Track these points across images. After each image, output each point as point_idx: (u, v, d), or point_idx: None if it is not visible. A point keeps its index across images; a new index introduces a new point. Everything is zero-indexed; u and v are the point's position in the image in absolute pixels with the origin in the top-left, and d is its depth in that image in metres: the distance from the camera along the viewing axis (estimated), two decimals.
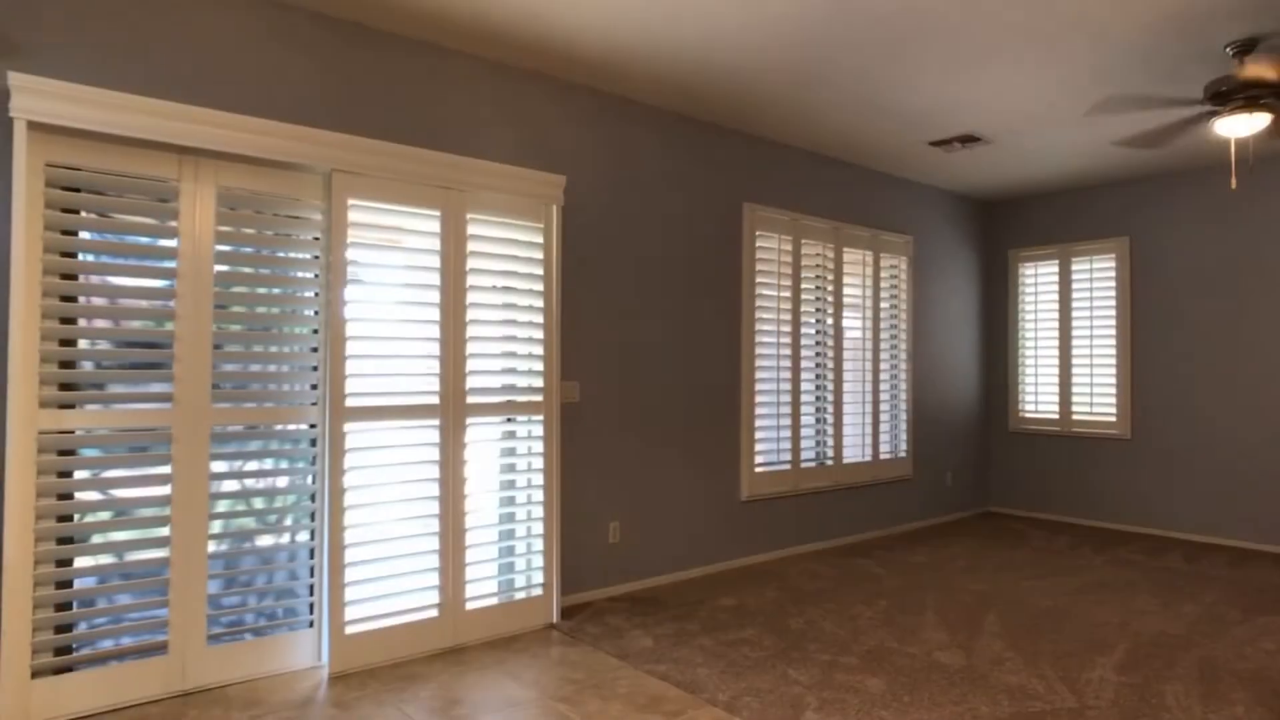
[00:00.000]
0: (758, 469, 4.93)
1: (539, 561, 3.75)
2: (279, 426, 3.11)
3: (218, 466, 2.99)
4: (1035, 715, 2.79)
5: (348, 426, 3.16)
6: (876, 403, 5.73)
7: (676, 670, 3.19)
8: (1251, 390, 5.48)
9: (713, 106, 4.42)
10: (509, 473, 3.69)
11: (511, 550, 3.71)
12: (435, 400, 3.41)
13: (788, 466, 5.10)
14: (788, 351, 5.11)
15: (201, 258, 2.93)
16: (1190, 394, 5.76)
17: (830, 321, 5.41)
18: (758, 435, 4.93)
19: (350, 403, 3.17)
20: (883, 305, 5.83)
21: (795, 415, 5.13)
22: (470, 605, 3.51)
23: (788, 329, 5.11)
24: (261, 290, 3.10)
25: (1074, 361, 6.36)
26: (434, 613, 3.39)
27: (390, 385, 3.32)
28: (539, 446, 3.75)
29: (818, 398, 5.32)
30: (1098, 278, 6.25)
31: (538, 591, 3.74)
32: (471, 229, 3.54)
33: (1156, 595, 4.29)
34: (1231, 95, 3.62)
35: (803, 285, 5.22)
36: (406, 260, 3.38)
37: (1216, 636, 3.64)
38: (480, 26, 3.38)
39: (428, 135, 3.52)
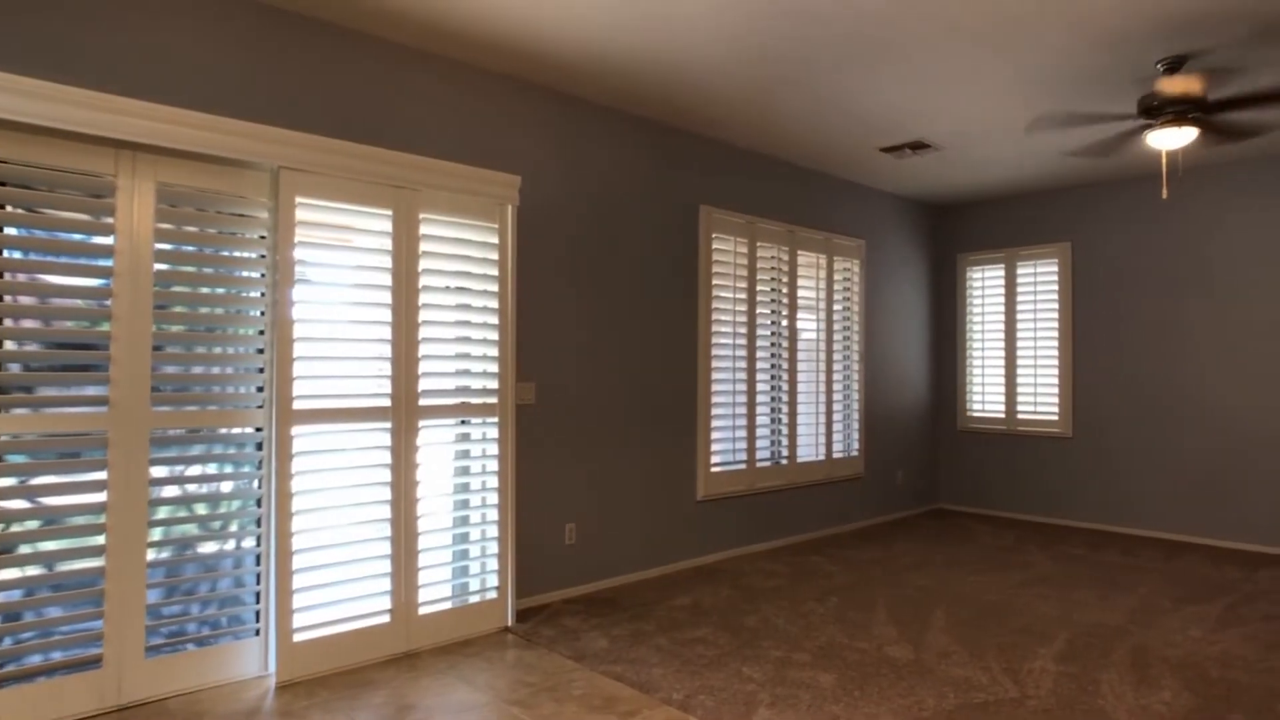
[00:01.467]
0: (714, 469, 4.96)
1: (494, 564, 3.72)
2: (223, 430, 3.03)
3: (158, 471, 2.90)
4: (979, 706, 2.87)
5: (295, 429, 3.09)
6: (830, 403, 5.82)
7: (632, 670, 3.19)
8: (1185, 389, 5.70)
9: (670, 109, 4.44)
10: (463, 475, 3.65)
11: (466, 554, 3.67)
12: (386, 402, 3.36)
13: (743, 466, 5.15)
14: (743, 352, 5.16)
15: (140, 256, 2.84)
16: (1128, 394, 5.97)
17: (785, 323, 5.48)
18: (714, 435, 4.96)
19: (298, 405, 3.11)
20: (836, 307, 5.92)
21: (751, 415, 5.18)
22: (423, 610, 3.47)
23: (744, 330, 5.16)
24: (205, 290, 3.02)
25: (1019, 362, 6.54)
26: (386, 618, 3.34)
27: (340, 387, 3.26)
28: (494, 448, 3.72)
29: (773, 398, 5.37)
30: (1041, 281, 6.44)
31: (492, 595, 3.71)
32: (424, 229, 3.50)
33: (1095, 588, 4.43)
34: (1162, 110, 3.77)
35: (758, 287, 5.27)
36: (357, 260, 3.32)
37: (1149, 626, 3.77)
38: (439, 25, 3.34)
39: (380, 133, 3.46)
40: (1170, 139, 3.84)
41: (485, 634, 3.65)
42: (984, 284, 6.79)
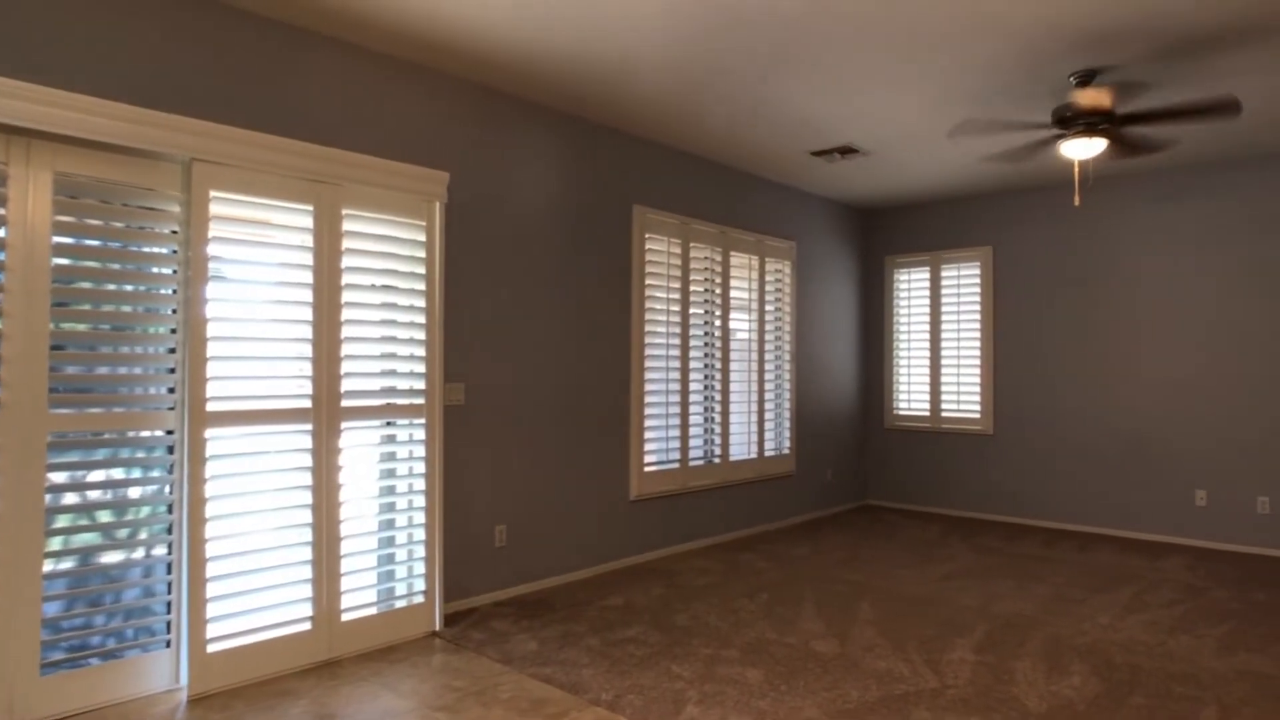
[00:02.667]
0: (647, 468, 4.97)
1: (421, 568, 3.65)
2: (131, 433, 2.89)
3: (57, 477, 2.74)
4: (900, 697, 2.94)
5: (209, 432, 2.97)
6: (762, 402, 5.89)
7: (561, 672, 3.17)
8: (1096, 388, 5.97)
9: (602, 109, 4.43)
10: (389, 478, 3.57)
11: (392, 558, 3.59)
12: (307, 404, 3.26)
13: (676, 465, 5.18)
14: (677, 352, 5.18)
15: (35, 250, 2.68)
16: (1045, 393, 6.22)
17: (718, 323, 5.53)
18: (647, 435, 4.97)
19: (212, 407, 2.99)
20: (768, 308, 6.01)
21: (684, 415, 5.21)
22: (346, 616, 3.38)
23: (677, 330, 5.18)
24: (111, 286, 2.88)
25: (943, 363, 6.75)
26: (306, 625, 3.24)
27: (258, 388, 3.15)
28: (420, 450, 3.65)
29: (706, 397, 5.42)
30: (964, 284, 6.66)
31: (419, 599, 3.64)
32: (347, 225, 3.41)
33: (1013, 579, 4.60)
34: (1074, 121, 3.93)
35: (692, 287, 5.31)
36: (276, 257, 3.21)
37: (1062, 615, 3.93)
38: (369, 19, 3.26)
39: (303, 127, 3.36)
40: (1081, 149, 4.01)
41: (412, 639, 3.58)
42: (910, 286, 6.98)
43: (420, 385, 3.66)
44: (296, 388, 3.25)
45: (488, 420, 4.07)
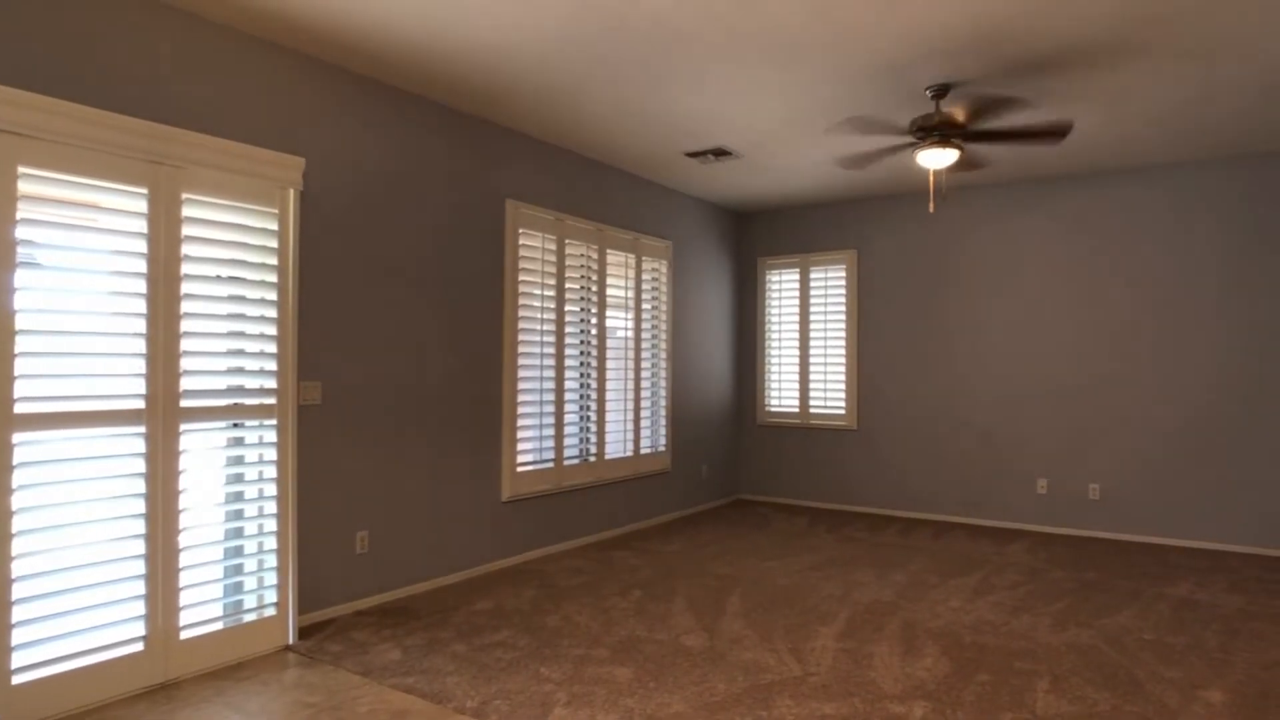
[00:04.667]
0: (520, 468, 4.88)
1: (272, 579, 3.42)
2: None
3: None
4: (765, 686, 3.00)
5: (18, 436, 2.66)
6: (638, 399, 5.91)
7: (425, 681, 3.05)
8: (951, 386, 6.36)
9: (474, 99, 4.30)
10: (237, 482, 3.32)
11: (240, 568, 3.35)
12: (140, 404, 2.98)
13: (551, 465, 5.11)
14: (552, 350, 5.11)
15: None
16: (904, 390, 6.56)
17: (594, 321, 5.50)
18: (521, 434, 4.88)
19: (22, 409, 2.68)
20: (644, 306, 6.03)
21: (559, 413, 5.15)
22: (186, 634, 3.11)
23: (552, 327, 5.12)
24: None
25: (811, 361, 7.00)
26: (139, 646, 2.96)
27: (80, 387, 2.85)
28: (272, 453, 3.42)
29: (582, 395, 5.38)
30: (831, 286, 6.93)
31: (270, 611, 3.41)
32: (188, 210, 3.15)
33: (874, 567, 4.82)
34: (929, 132, 4.15)
35: (567, 285, 5.25)
36: (107, 243, 2.92)
37: (917, 600, 4.14)
38: None
39: (140, 103, 3.06)
40: (935, 159, 4.24)
41: (262, 655, 3.35)
42: (781, 287, 7.20)
43: (271, 384, 3.42)
44: (129, 386, 2.97)
45: (348, 420, 3.86)
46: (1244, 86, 4.04)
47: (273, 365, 3.43)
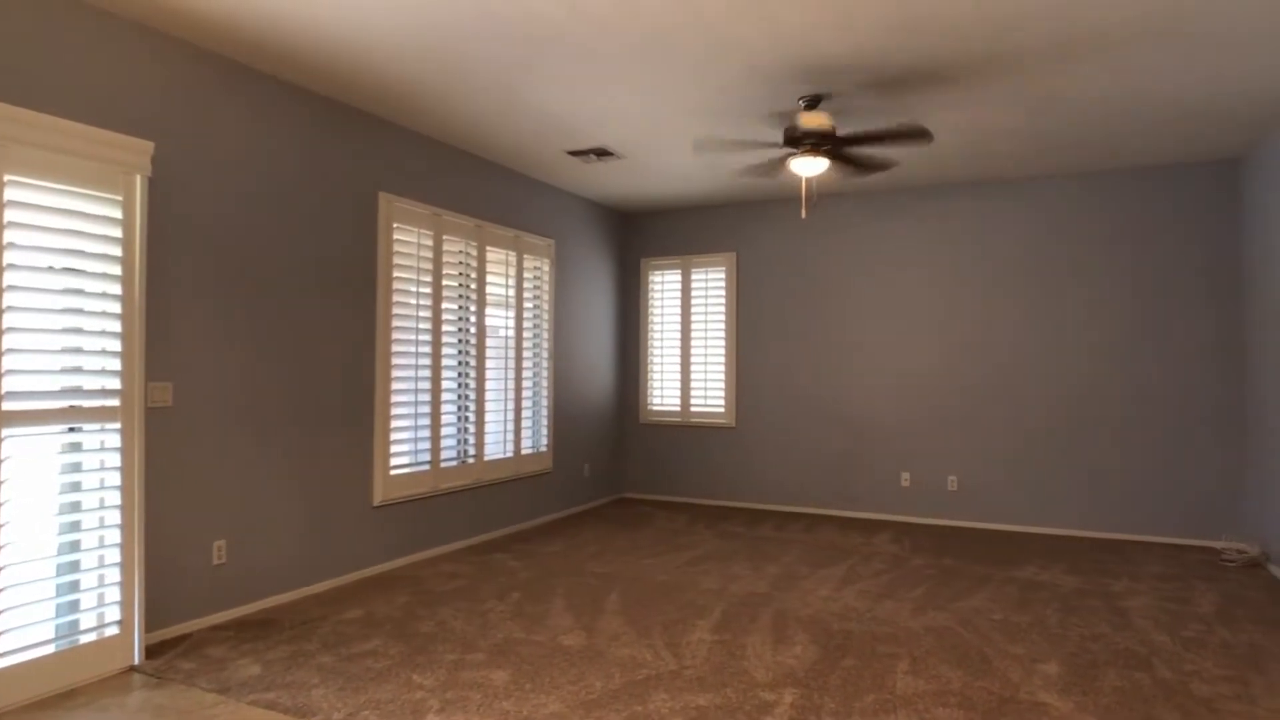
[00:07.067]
0: (394, 471, 4.72)
1: (115, 595, 3.15)
2: None
3: None
4: (641, 682, 3.03)
5: None
6: (519, 399, 5.84)
7: (288, 696, 2.89)
8: (824, 384, 6.63)
9: (344, 86, 4.12)
10: (74, 491, 3.04)
11: (76, 585, 3.07)
12: None
13: (427, 467, 4.97)
14: (428, 349, 4.97)
15: None
16: (780, 388, 6.79)
17: (473, 319, 5.39)
18: (395, 436, 4.71)
19: None
20: (526, 305, 5.97)
21: (436, 414, 5.01)
22: (7, 661, 2.82)
23: (428, 326, 4.97)
24: None
25: (692, 360, 7.14)
26: None
27: None
28: (115, 459, 3.16)
29: (460, 395, 5.26)
30: (711, 287, 7.09)
31: (113, 631, 3.14)
32: (11, 194, 2.85)
33: (749, 560, 4.96)
34: (802, 141, 4.31)
35: (445, 282, 5.12)
36: None
37: (789, 590, 4.30)
38: None
39: None
40: (807, 167, 4.40)
41: (104, 677, 3.08)
42: (664, 287, 7.30)
43: (115, 385, 3.16)
44: None
45: (204, 423, 3.62)
46: (1063, 111, 4.42)
47: (116, 365, 3.16)
